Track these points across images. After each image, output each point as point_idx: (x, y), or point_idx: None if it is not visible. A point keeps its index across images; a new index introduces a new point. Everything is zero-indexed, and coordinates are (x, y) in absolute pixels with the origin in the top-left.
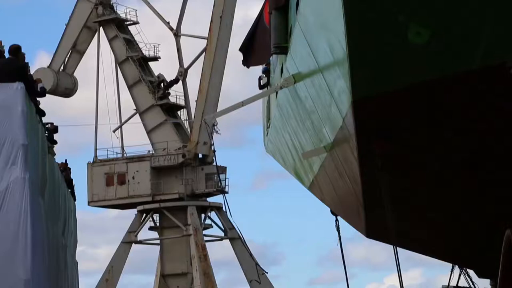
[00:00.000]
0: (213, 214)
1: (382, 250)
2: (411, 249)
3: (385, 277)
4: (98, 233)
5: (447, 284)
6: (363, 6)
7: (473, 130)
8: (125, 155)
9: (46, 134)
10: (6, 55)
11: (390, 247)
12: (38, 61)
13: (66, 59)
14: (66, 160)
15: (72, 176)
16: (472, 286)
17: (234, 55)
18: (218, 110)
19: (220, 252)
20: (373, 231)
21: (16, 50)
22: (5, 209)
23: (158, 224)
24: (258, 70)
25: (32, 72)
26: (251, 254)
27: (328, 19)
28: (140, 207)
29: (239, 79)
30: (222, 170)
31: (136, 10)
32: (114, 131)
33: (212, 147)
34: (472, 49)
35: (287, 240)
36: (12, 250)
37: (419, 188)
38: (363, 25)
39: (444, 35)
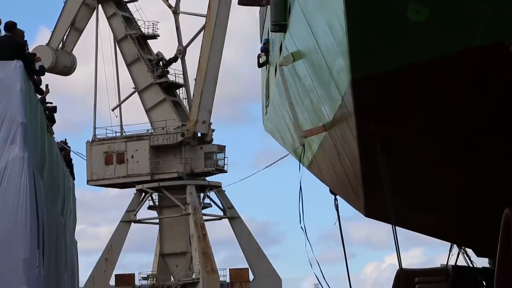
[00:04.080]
0: (212, 194)
1: (383, 230)
2: (410, 229)
3: (386, 256)
4: (97, 212)
5: (445, 263)
6: None
7: (472, 109)
8: (124, 134)
9: (46, 113)
10: (3, 33)
11: (390, 227)
12: (40, 36)
13: (65, 36)
14: (65, 139)
15: (71, 155)
16: (471, 265)
17: (234, 32)
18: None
19: (219, 231)
20: (372, 210)
21: (11, 26)
22: (4, 188)
23: (157, 203)
24: (258, 48)
25: (30, 49)
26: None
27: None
28: (139, 186)
29: (239, 56)
30: (221, 149)
31: None
32: (113, 110)
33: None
34: (471, 28)
35: (288, 219)
36: (12, 230)
37: (418, 168)
38: (363, 3)
39: (443, 14)
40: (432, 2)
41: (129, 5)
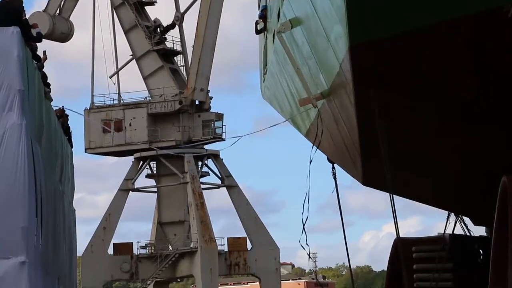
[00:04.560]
0: (210, 162)
1: (381, 198)
2: (407, 197)
3: (384, 225)
4: (96, 181)
5: (443, 232)
6: None
7: (470, 77)
8: (122, 101)
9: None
10: None
11: (388, 195)
12: (37, 2)
13: (62, 2)
14: (63, 107)
15: (68, 122)
16: (468, 233)
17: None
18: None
19: (217, 200)
20: (369, 179)
21: None
22: (1, 155)
23: (155, 172)
24: (256, 14)
25: (27, 16)
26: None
27: None
28: (137, 155)
29: (237, 22)
30: (219, 117)
31: None
32: (110, 77)
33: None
34: None
35: (286, 188)
36: (10, 197)
37: (416, 136)
38: None
39: None
40: None
41: None
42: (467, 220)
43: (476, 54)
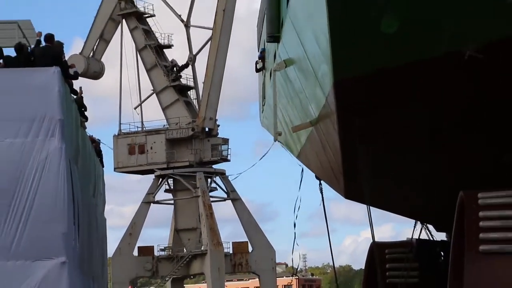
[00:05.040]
0: (217, 179)
1: (359, 209)
2: (382, 208)
3: (362, 231)
4: (123, 195)
5: (411, 237)
6: (343, 3)
7: (437, 109)
8: (144, 128)
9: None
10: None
11: (365, 206)
12: (74, 46)
13: (95, 46)
14: (92, 135)
15: (100, 146)
16: (431, 238)
17: (236, 43)
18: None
19: (223, 211)
20: (350, 193)
21: (50, 38)
22: (45, 174)
23: (172, 187)
24: (256, 55)
25: (66, 57)
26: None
27: (314, 13)
28: (157, 173)
29: (241, 63)
30: (225, 141)
31: (153, 4)
32: (135, 108)
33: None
34: (434, 40)
35: (281, 200)
36: (52, 209)
37: (391, 158)
38: (343, 19)
39: (411, 27)
40: (400, 16)
41: (148, 19)
42: (430, 227)
43: (440, 89)
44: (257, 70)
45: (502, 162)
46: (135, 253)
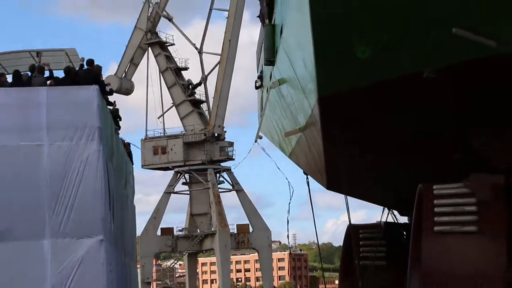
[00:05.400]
0: (224, 174)
1: (339, 198)
2: (357, 197)
3: (341, 215)
4: (149, 187)
5: (380, 220)
6: (327, 36)
7: (401, 120)
8: (165, 134)
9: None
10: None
11: (343, 196)
12: (110, 68)
13: (126, 69)
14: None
15: (130, 148)
16: (396, 221)
17: (241, 65)
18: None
19: (229, 199)
20: (331, 185)
21: (90, 62)
22: (86, 170)
23: (188, 181)
24: (255, 76)
25: (104, 78)
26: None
27: (303, 43)
28: (176, 169)
29: (245, 82)
30: (231, 144)
31: (173, 35)
32: (158, 118)
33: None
34: (397, 63)
35: (276, 191)
36: (92, 199)
37: (364, 158)
38: (326, 49)
39: (379, 54)
40: (371, 46)
41: (169, 47)
42: (396, 213)
43: (401, 106)
44: (257, 88)
45: (451, 161)
46: (159, 233)
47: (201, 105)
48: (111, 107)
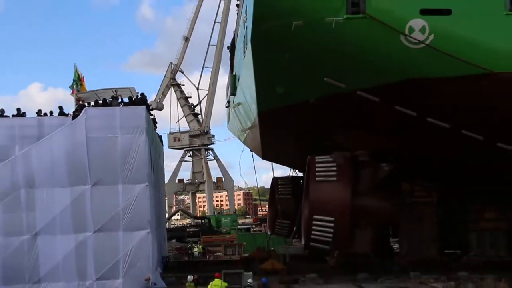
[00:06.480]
0: (210, 152)
1: (269, 164)
2: (278, 163)
3: (269, 172)
4: (171, 158)
5: (289, 174)
6: (262, 83)
7: (300, 125)
8: (180, 131)
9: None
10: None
11: (271, 162)
12: (150, 97)
13: (160, 97)
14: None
15: (162, 138)
16: (298, 175)
17: (219, 95)
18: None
19: (212, 164)
20: (265, 156)
21: (142, 94)
22: (137, 155)
23: (191, 155)
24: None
25: (148, 101)
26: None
27: (249, 85)
28: (185, 149)
29: (221, 104)
30: (213, 136)
31: (183, 80)
32: (176, 122)
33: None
34: (297, 95)
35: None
36: (142, 163)
37: (282, 142)
38: (262, 88)
39: (285, 92)
40: (284, 87)
41: (182, 86)
42: (297, 171)
43: (305, 117)
44: (226, 107)
45: (325, 146)
46: (176, 181)
47: (198, 116)
48: (152, 117)
